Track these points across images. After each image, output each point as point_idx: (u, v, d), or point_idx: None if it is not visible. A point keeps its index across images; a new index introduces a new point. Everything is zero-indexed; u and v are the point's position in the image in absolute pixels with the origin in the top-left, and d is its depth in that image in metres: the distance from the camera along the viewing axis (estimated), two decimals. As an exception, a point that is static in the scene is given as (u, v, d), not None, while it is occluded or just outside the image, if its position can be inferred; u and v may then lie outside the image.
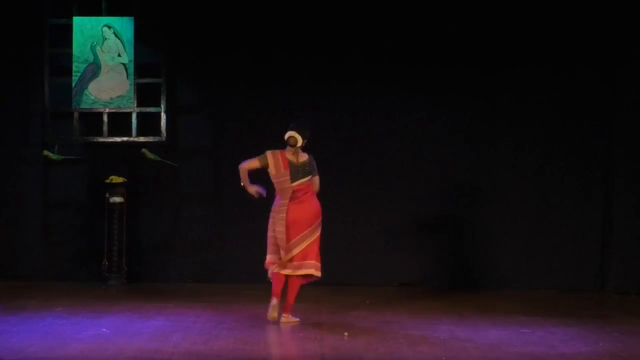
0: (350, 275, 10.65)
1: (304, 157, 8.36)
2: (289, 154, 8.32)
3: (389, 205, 10.81)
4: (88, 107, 10.83)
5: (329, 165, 10.40)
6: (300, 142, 8.28)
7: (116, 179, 10.65)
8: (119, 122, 10.86)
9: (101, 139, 10.87)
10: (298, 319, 8.28)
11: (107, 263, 10.67)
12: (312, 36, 10.80)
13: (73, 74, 10.79)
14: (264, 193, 8.35)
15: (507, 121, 10.79)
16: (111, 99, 10.83)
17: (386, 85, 10.79)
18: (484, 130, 10.80)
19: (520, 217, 10.74)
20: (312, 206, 8.30)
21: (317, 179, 8.37)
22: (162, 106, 10.83)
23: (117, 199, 10.64)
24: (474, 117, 10.80)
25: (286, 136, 8.31)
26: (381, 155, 10.81)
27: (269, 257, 8.28)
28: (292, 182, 8.25)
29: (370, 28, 10.78)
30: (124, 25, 10.77)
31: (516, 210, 10.74)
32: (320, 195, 8.48)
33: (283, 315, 8.22)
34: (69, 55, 10.79)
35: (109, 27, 10.79)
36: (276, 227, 8.21)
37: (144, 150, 10.72)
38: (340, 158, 10.75)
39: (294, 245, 8.18)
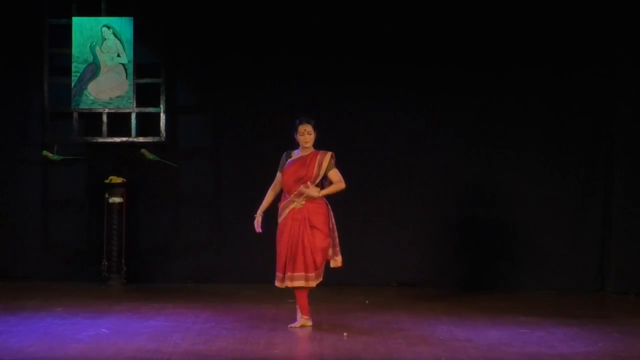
0: (350, 275, 10.64)
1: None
2: None
3: (389, 205, 10.81)
4: (87, 107, 10.82)
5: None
6: None
7: (115, 179, 10.65)
8: (119, 122, 10.85)
9: (100, 139, 10.86)
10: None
11: (106, 263, 10.66)
12: (313, 36, 10.79)
13: (72, 74, 10.78)
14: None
15: (508, 121, 10.78)
16: (110, 99, 10.83)
17: (386, 86, 10.79)
18: (484, 131, 10.79)
19: (520, 217, 10.73)
20: None
21: None
22: (162, 106, 10.82)
23: (117, 199, 10.64)
24: (474, 118, 10.79)
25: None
26: (381, 155, 10.81)
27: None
28: None
29: (372, 28, 10.77)
30: (124, 25, 10.77)
31: (516, 211, 10.73)
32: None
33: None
34: (69, 56, 10.79)
35: (109, 28, 10.78)
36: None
37: (143, 150, 10.72)
38: (340, 158, 10.72)
39: None
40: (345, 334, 7.79)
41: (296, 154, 8.28)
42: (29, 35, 10.86)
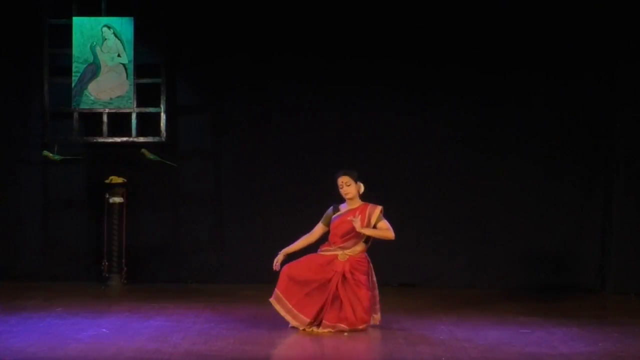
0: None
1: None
2: None
3: (388, 205, 10.78)
4: (88, 107, 10.83)
5: (329, 166, 10.40)
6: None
7: (116, 179, 10.64)
8: (119, 122, 10.85)
9: (101, 139, 10.86)
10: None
11: (107, 263, 10.66)
12: (313, 36, 10.79)
13: (73, 74, 10.78)
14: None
15: (508, 121, 10.78)
16: (111, 99, 10.83)
17: (387, 86, 10.79)
18: (484, 131, 10.79)
19: (520, 217, 10.73)
20: None
21: None
22: (162, 106, 10.82)
23: (117, 199, 10.63)
24: (474, 118, 10.79)
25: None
26: (380, 155, 10.80)
27: None
28: None
29: (373, 29, 10.76)
30: (124, 25, 10.77)
31: (516, 211, 10.74)
32: (321, 196, 8.51)
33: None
34: (69, 56, 10.79)
35: (109, 28, 10.78)
36: None
37: (143, 150, 10.72)
38: (340, 158, 10.75)
39: None
40: (345, 333, 7.79)
41: (343, 207, 8.22)
42: (29, 35, 10.86)
